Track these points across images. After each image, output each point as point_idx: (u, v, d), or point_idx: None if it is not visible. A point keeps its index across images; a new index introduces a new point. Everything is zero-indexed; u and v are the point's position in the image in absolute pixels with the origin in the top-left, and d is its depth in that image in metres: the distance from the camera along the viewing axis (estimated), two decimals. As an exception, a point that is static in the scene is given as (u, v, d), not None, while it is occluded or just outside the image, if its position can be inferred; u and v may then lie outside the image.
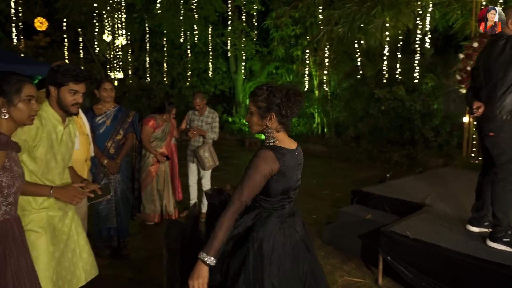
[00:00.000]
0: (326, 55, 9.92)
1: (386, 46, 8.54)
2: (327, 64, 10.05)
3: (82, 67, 2.28)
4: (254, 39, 12.12)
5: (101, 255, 3.45)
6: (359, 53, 9.31)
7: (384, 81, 9.21)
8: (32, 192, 1.90)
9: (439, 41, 9.59)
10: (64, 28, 12.47)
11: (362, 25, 8.13)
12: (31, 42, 12.48)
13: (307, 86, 10.99)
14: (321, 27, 9.34)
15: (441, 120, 8.68)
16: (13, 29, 10.91)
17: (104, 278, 3.10)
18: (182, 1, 11.36)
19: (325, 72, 10.30)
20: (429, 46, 8.31)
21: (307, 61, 10.65)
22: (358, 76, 9.78)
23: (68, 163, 2.19)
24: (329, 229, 3.94)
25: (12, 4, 10.39)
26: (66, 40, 12.75)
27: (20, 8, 10.99)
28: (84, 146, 2.94)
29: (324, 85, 10.81)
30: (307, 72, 10.75)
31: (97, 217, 3.47)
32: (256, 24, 11.87)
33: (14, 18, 10.84)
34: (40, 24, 11.27)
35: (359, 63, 9.47)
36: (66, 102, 2.00)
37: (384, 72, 9.09)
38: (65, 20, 11.95)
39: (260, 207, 1.77)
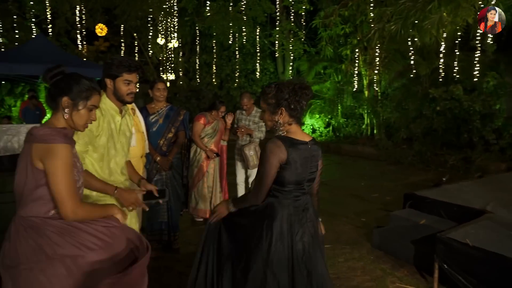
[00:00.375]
0: (376, 54, 9.60)
1: (442, 43, 8.07)
2: (377, 63, 9.72)
3: None
4: (302, 39, 12.04)
5: (152, 248, 3.61)
6: (412, 51, 8.90)
7: (440, 80, 8.72)
8: (98, 188, 2.01)
9: (503, 36, 8.87)
10: (122, 33, 13.24)
11: (416, 21, 7.74)
12: (92, 47, 13.41)
13: (356, 86, 10.72)
14: (372, 25, 9.02)
15: (504, 121, 8.04)
16: (78, 36, 11.77)
17: (156, 270, 3.24)
18: (231, 4, 11.58)
19: (376, 71, 9.97)
20: (491, 42, 7.74)
21: (357, 61, 10.37)
22: (411, 75, 9.34)
23: (127, 153, 2.30)
24: (380, 233, 3.80)
25: (77, 12, 11.20)
26: (123, 44, 13.54)
27: (83, 16, 11.84)
28: (140, 143, 3.10)
29: (374, 85, 10.48)
30: (356, 72, 10.49)
31: (150, 211, 3.61)
32: (304, 24, 11.79)
33: (78, 25, 11.69)
34: (101, 30, 12.08)
35: (412, 62, 9.04)
36: (122, 92, 2.12)
37: (440, 71, 8.60)
38: (122, 25, 12.68)
39: (273, 197, 1.85)
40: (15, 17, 11.10)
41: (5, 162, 7.81)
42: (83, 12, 11.51)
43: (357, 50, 10.32)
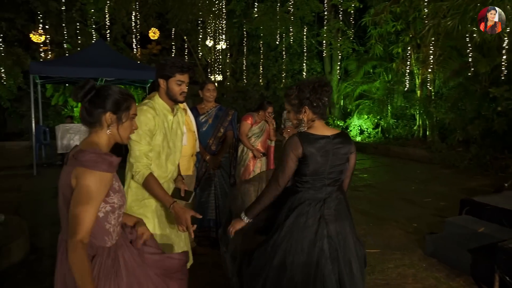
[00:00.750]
0: (431, 51, 9.12)
1: (505, 38, 7.49)
2: (431, 61, 9.23)
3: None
4: (351, 38, 11.76)
5: (201, 244, 3.72)
6: (470, 48, 8.34)
7: (502, 78, 8.09)
8: (157, 196, 2.06)
9: None
10: (173, 36, 13.78)
11: (475, 16, 7.26)
12: (145, 51, 14.08)
13: (407, 86, 10.26)
14: (426, 21, 8.60)
15: None
16: (133, 40, 12.44)
17: (204, 266, 3.34)
18: (278, 4, 11.60)
19: (429, 70, 9.47)
20: (563, 36, 7.07)
21: (409, 59, 9.93)
22: (469, 74, 8.77)
23: (178, 151, 2.37)
24: (433, 239, 3.62)
25: (132, 18, 11.84)
26: (174, 47, 14.07)
27: (138, 21, 12.49)
28: (190, 142, 3.22)
29: (428, 84, 9.97)
30: (408, 71, 10.04)
31: (199, 208, 3.73)
32: (353, 22, 11.52)
33: (133, 30, 12.35)
34: (153, 34, 12.66)
35: (470, 59, 8.48)
36: (174, 92, 2.20)
37: (502, 68, 7.98)
38: (174, 29, 13.19)
39: (295, 187, 1.96)
40: (78, 24, 11.97)
41: (67, 158, 8.45)
42: (138, 17, 12.13)
43: (409, 47, 9.89)
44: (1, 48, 10.89)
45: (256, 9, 11.75)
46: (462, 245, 3.27)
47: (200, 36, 12.84)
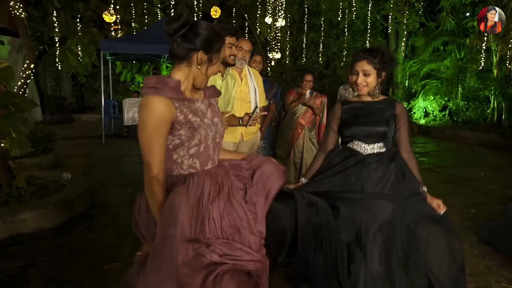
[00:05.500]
0: (513, 25, 8.13)
1: None
2: (513, 36, 8.23)
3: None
4: (420, 11, 10.85)
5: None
6: None
7: None
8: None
9: None
10: (233, 14, 13.87)
11: None
12: (206, 29, 14.37)
13: (482, 64, 9.28)
14: (509, -10, 7.67)
15: None
16: (195, 19, 12.77)
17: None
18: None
19: (510, 46, 8.46)
20: None
21: (486, 34, 8.94)
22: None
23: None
24: (490, 226, 3.33)
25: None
26: (234, 25, 14.20)
27: (201, 0, 12.76)
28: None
29: (507, 62, 8.93)
30: (484, 47, 9.05)
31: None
32: (422, -7, 10.61)
33: (196, 9, 12.65)
34: (215, 12, 12.84)
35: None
36: (224, 55, 2.31)
37: None
38: (234, 8, 13.26)
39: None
40: (145, 4, 12.57)
41: (132, 130, 9.09)
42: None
43: (487, 21, 8.88)
44: (78, 28, 11.85)
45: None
46: (522, 233, 2.97)
47: (259, 12, 12.76)
